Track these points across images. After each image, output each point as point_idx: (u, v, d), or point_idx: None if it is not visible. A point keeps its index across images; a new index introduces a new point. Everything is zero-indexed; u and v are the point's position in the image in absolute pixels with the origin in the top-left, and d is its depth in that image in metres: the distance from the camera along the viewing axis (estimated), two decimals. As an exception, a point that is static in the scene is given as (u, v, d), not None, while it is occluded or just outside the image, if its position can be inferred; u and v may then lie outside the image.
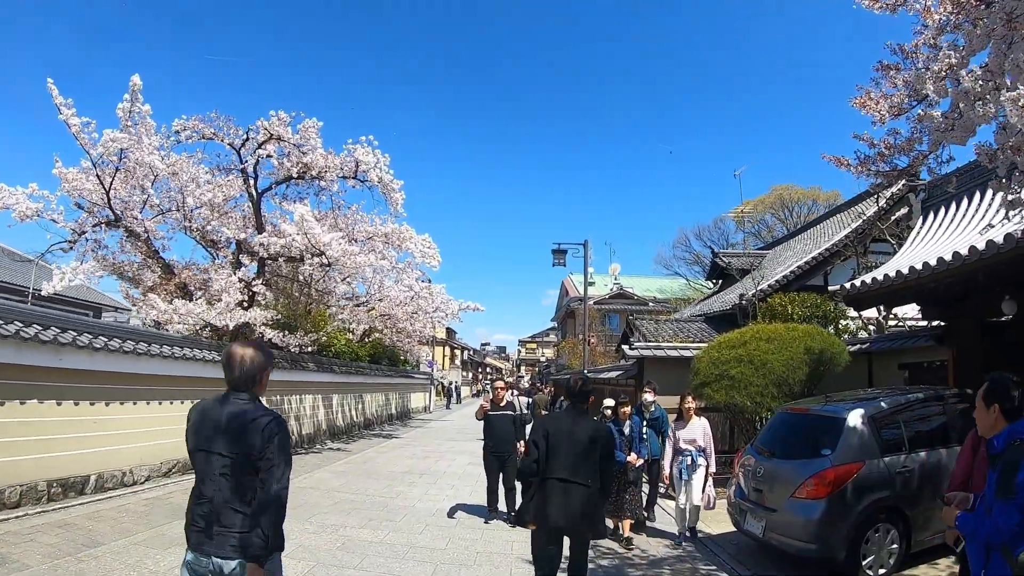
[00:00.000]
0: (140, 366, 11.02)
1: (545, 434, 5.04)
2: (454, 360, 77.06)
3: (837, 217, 23.26)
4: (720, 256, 27.91)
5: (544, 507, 4.89)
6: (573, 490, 4.87)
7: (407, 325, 23.72)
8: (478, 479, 12.86)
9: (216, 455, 3.01)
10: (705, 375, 12.06)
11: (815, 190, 44.10)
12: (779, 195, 45.32)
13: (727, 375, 11.77)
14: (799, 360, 11.51)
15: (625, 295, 45.15)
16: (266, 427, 2.97)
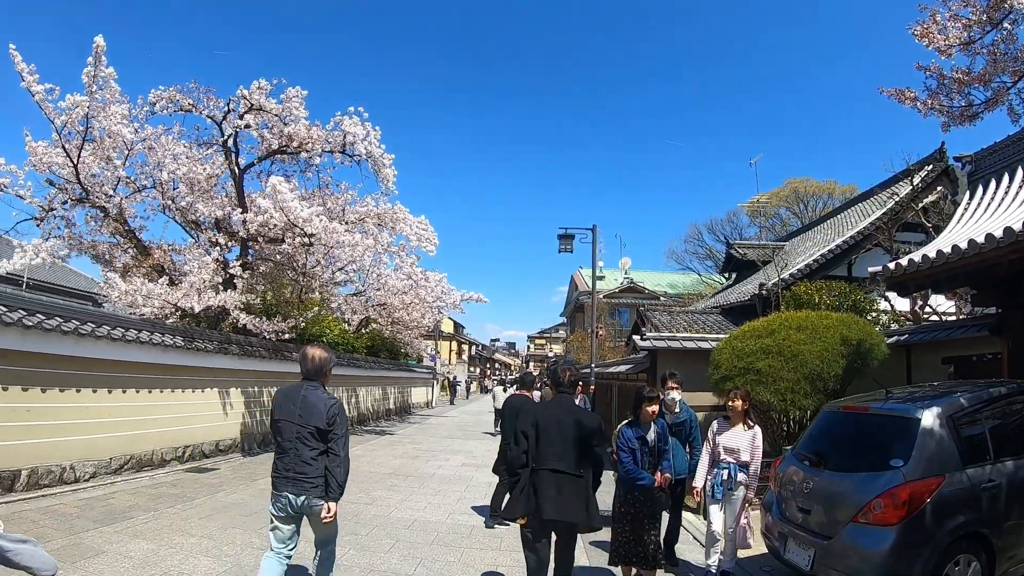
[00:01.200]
0: (84, 349, 9.74)
1: (535, 423, 4.90)
2: (461, 355, 76.19)
3: (859, 207, 21.96)
4: (736, 247, 26.70)
5: (536, 499, 4.71)
6: (565, 480, 4.73)
7: (403, 314, 22.41)
8: (469, 483, 11.53)
9: (294, 425, 4.44)
10: (727, 369, 10.69)
11: (831, 184, 43.17)
12: (794, 188, 44.36)
13: (752, 368, 10.40)
14: (835, 351, 10.16)
15: (636, 289, 43.60)
16: (330, 408, 4.49)
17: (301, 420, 4.45)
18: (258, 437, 14.94)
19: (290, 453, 4.45)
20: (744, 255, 25.48)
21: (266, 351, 15.23)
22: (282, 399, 4.61)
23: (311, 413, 4.44)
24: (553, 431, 4.82)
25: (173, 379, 11.91)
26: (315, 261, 15.94)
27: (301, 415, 4.46)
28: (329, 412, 4.46)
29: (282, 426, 4.50)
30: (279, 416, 4.54)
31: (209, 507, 8.77)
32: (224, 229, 15.61)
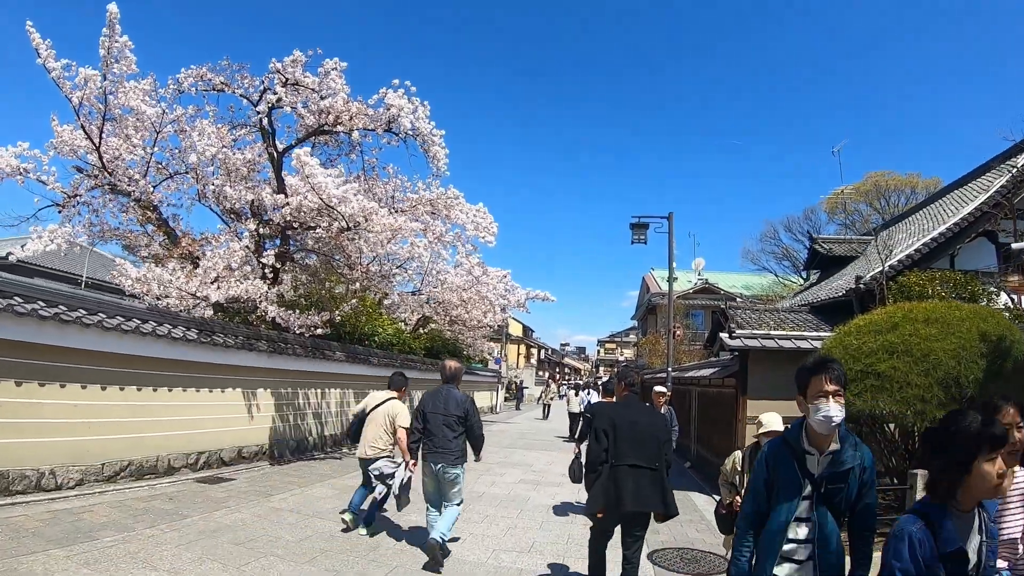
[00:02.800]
0: (70, 338, 8.42)
1: (611, 423, 5.21)
2: (530, 359, 74.61)
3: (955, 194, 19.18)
4: (820, 241, 24.43)
5: (617, 492, 5.00)
6: (642, 474, 5.06)
7: (461, 312, 20.74)
8: (524, 506, 9.73)
9: (440, 415, 6.54)
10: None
11: (913, 177, 40.39)
12: (875, 182, 41.55)
13: (872, 371, 8.39)
14: (973, 350, 8.13)
15: (711, 290, 41.13)
16: (465, 401, 6.71)
17: (445, 411, 6.55)
18: (291, 443, 13.43)
19: (437, 435, 6.50)
20: (830, 250, 23.22)
21: (302, 348, 13.71)
22: (429, 397, 6.73)
23: (452, 406, 6.58)
24: (628, 430, 5.17)
25: (186, 377, 10.48)
26: (358, 250, 14.32)
27: (445, 408, 6.57)
28: (465, 404, 6.67)
29: (430, 416, 6.57)
30: (429, 409, 6.60)
31: (197, 529, 7.19)
32: (258, 215, 14.16)
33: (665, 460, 5.23)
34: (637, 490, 4.99)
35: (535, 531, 8.29)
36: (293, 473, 11.50)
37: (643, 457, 5.08)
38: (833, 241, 24.94)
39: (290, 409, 13.54)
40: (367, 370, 17.01)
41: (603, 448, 5.12)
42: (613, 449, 5.11)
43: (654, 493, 5.05)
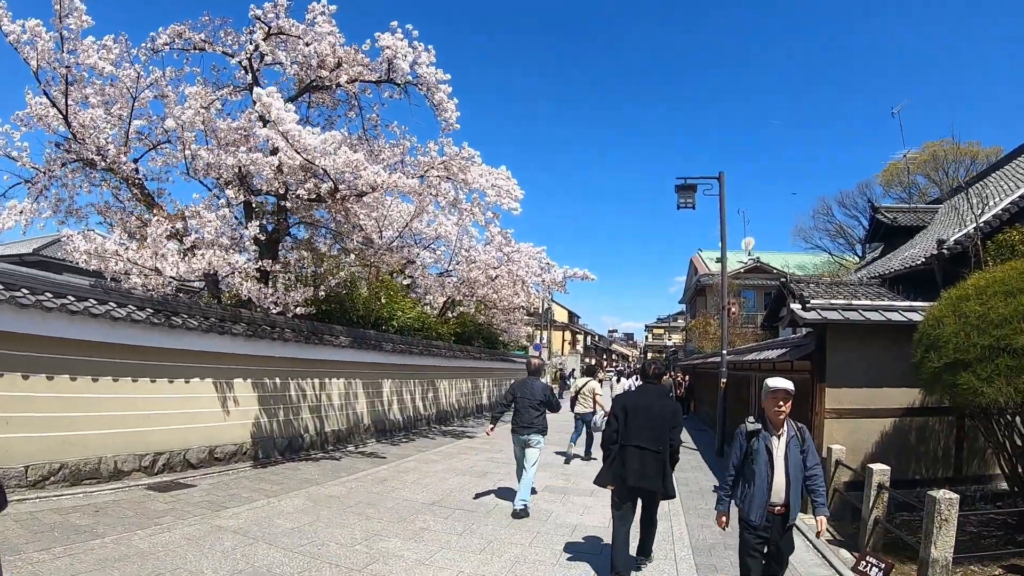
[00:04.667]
0: None
1: (624, 408, 5.91)
2: (575, 345, 72.81)
3: None
4: (882, 211, 21.90)
5: (623, 470, 5.71)
6: (647, 455, 5.69)
7: (488, 292, 18.77)
8: (543, 526, 7.84)
9: (527, 399, 8.37)
10: (960, 349, 6.46)
11: (973, 146, 37.31)
12: (932, 152, 38.62)
13: (1006, 347, 6.20)
14: None
15: (763, 269, 38.64)
16: (545, 389, 8.64)
17: (532, 396, 8.50)
18: (280, 442, 11.67)
19: (523, 414, 8.45)
20: (894, 220, 20.73)
21: (294, 333, 11.89)
22: (519, 386, 8.74)
23: (535, 393, 8.55)
24: (640, 415, 5.84)
25: (137, 364, 8.79)
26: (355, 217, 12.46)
27: (532, 394, 8.52)
28: (544, 391, 8.66)
29: (519, 399, 8.53)
30: (518, 395, 8.57)
31: (96, 557, 5.51)
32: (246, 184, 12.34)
33: (671, 444, 5.82)
34: (642, 469, 5.66)
35: (551, 565, 6.27)
36: (271, 478, 9.66)
37: (650, 440, 5.72)
38: (897, 210, 22.59)
39: (279, 403, 11.75)
40: (379, 357, 15.16)
41: (614, 430, 5.86)
42: (624, 431, 5.79)
43: (656, 474, 5.70)
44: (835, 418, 8.65)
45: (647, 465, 5.67)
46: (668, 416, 5.87)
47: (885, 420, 8.70)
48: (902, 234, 20.40)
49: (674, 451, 5.91)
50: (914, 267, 14.56)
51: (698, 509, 8.95)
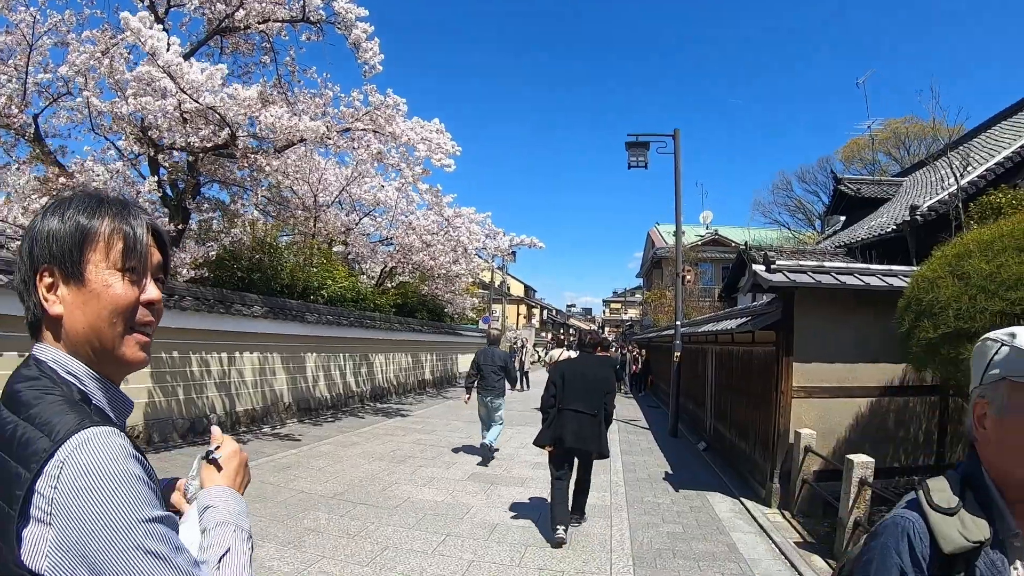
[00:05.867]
0: None
1: (562, 375, 6.35)
2: (531, 319, 71.78)
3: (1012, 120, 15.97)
4: (846, 182, 21.50)
5: (561, 432, 6.11)
6: (584, 419, 6.14)
7: (424, 258, 17.37)
8: (457, 525, 6.40)
9: (489, 366, 9.84)
10: (962, 316, 5.29)
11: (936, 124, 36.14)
12: (894, 130, 38.11)
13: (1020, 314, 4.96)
14: None
15: (721, 242, 37.78)
16: (504, 355, 10.31)
17: (492, 363, 9.84)
18: (181, 423, 10.16)
19: (487, 378, 9.79)
20: (857, 191, 20.32)
21: (196, 300, 10.32)
22: (482, 354, 10.06)
23: (496, 359, 9.90)
24: (576, 381, 6.29)
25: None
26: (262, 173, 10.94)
27: (492, 361, 9.83)
28: (502, 358, 10.07)
29: (482, 367, 9.82)
30: (482, 362, 9.87)
31: None
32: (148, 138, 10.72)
33: (604, 408, 6.31)
34: (578, 431, 6.14)
35: (458, 579, 4.98)
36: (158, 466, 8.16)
37: (586, 404, 6.20)
38: (860, 181, 22.19)
39: (178, 379, 10.21)
40: (302, 329, 13.63)
41: (551, 395, 6.34)
42: (562, 396, 6.26)
43: (592, 435, 6.20)
44: (804, 397, 7.45)
45: (583, 427, 6.15)
46: (602, 382, 6.37)
47: (860, 400, 7.53)
48: (865, 206, 19.95)
49: (608, 415, 6.40)
50: (883, 235, 13.65)
51: (644, 503, 7.70)
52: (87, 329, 1.07)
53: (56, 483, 0.89)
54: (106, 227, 1.09)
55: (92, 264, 1.07)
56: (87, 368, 1.08)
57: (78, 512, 0.89)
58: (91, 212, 1.10)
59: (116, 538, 0.89)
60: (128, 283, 1.10)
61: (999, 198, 9.96)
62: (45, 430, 0.95)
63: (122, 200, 1.16)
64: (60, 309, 1.07)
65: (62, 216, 1.09)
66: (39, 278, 1.07)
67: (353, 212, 18.71)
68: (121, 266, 1.09)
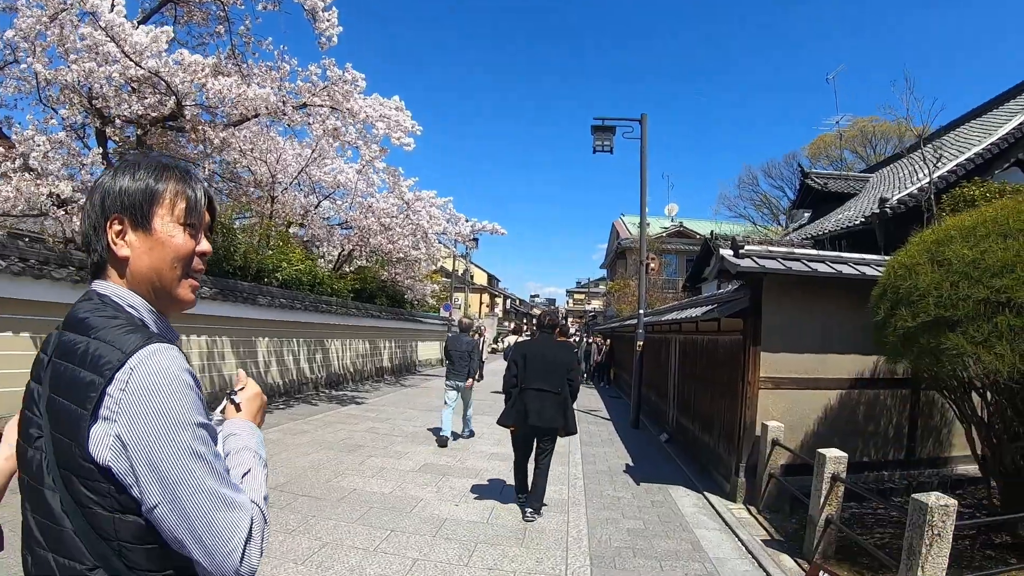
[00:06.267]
0: None
1: (523, 355, 6.42)
2: (494, 308, 71.46)
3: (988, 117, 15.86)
4: (813, 176, 21.49)
5: (524, 410, 6.22)
6: (547, 397, 6.23)
7: (382, 241, 16.86)
8: (401, 520, 5.89)
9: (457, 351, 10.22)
10: (944, 304, 4.99)
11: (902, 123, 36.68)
12: (861, 128, 38.87)
13: (1009, 301, 4.71)
14: None
15: (686, 234, 37.85)
16: (470, 342, 10.37)
17: (459, 350, 10.19)
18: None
19: (455, 363, 10.19)
20: (824, 185, 20.50)
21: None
22: (451, 340, 10.49)
23: (462, 345, 10.24)
24: (537, 361, 6.34)
25: None
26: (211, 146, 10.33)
27: (458, 347, 10.24)
28: (468, 344, 10.32)
29: (451, 352, 10.28)
30: (451, 347, 10.33)
31: None
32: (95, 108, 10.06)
33: (570, 384, 6.38)
34: (541, 409, 6.20)
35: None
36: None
37: (548, 383, 6.27)
38: (828, 176, 22.39)
39: None
40: (253, 312, 13.03)
41: (513, 375, 6.40)
42: (523, 375, 6.34)
43: (556, 413, 6.26)
44: (771, 389, 7.14)
45: (546, 405, 6.22)
46: (563, 361, 6.43)
47: (830, 393, 7.24)
48: (832, 200, 20.00)
49: (573, 391, 6.43)
50: (851, 227, 13.56)
51: (604, 497, 7.34)
52: (150, 271, 1.28)
53: (124, 387, 1.07)
54: (171, 188, 1.31)
55: (159, 217, 1.29)
56: (144, 302, 1.29)
57: (141, 411, 1.07)
58: (159, 174, 1.31)
59: (169, 437, 1.08)
60: (188, 236, 1.32)
61: (972, 191, 9.86)
62: (116, 344, 1.13)
63: (184, 166, 1.38)
64: (127, 252, 1.27)
65: (133, 176, 1.30)
66: (109, 225, 1.27)
67: (312, 194, 18.12)
68: (183, 221, 1.31)
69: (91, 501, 1.10)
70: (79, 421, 1.08)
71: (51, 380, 1.17)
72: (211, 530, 1.09)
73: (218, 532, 1.09)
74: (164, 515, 1.08)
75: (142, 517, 1.10)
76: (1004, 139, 12.58)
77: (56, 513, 1.13)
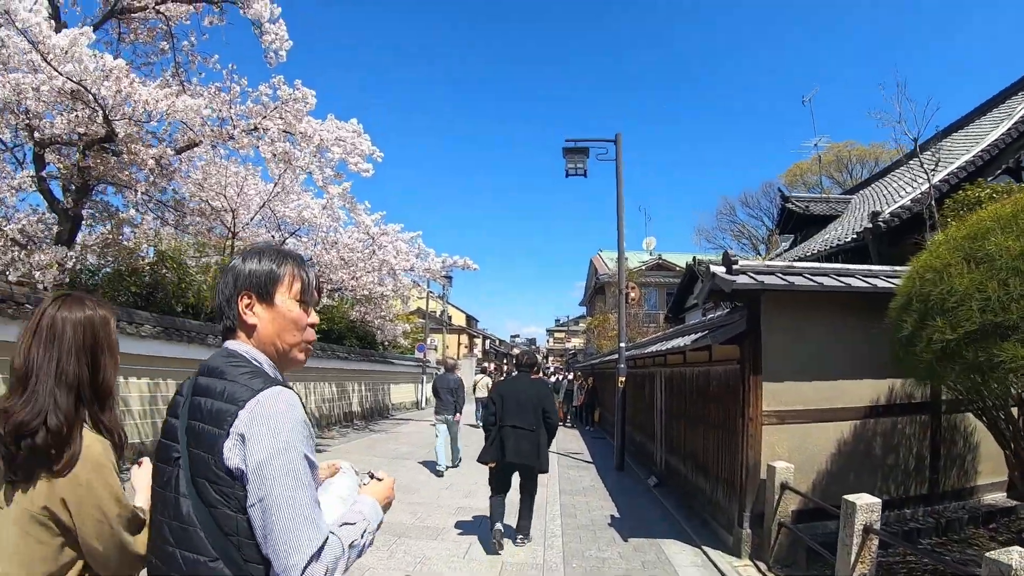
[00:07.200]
0: None
1: (500, 394, 6.74)
2: (472, 349, 70.40)
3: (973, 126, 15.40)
4: (794, 200, 20.88)
5: (502, 447, 6.41)
6: (522, 434, 6.41)
7: (344, 277, 15.88)
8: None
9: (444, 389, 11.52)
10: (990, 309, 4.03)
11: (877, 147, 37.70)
12: (837, 154, 39.68)
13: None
14: None
15: (665, 266, 37.35)
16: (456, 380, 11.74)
17: (446, 386, 11.44)
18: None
19: (442, 399, 11.34)
20: (806, 209, 19.97)
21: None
22: (439, 379, 11.83)
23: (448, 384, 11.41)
24: (513, 399, 6.56)
25: None
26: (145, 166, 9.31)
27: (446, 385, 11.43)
28: (455, 382, 11.52)
29: (438, 389, 11.52)
30: (439, 385, 11.61)
31: None
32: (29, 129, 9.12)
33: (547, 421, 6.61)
34: (517, 447, 6.39)
35: None
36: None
37: (524, 421, 6.46)
38: (809, 199, 21.91)
39: None
40: (202, 352, 11.77)
41: (491, 413, 6.63)
42: (501, 413, 6.53)
43: (531, 450, 6.43)
44: (776, 424, 6.17)
45: (522, 442, 6.39)
46: (538, 398, 6.62)
47: (842, 424, 6.30)
48: (814, 223, 19.68)
49: (551, 428, 6.68)
50: (841, 245, 12.89)
51: (586, 559, 6.28)
52: (273, 336, 1.61)
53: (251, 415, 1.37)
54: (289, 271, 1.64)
55: (279, 295, 1.63)
56: (267, 358, 1.60)
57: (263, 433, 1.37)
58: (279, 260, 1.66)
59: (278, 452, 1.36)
60: (302, 310, 1.65)
61: (977, 192, 9.22)
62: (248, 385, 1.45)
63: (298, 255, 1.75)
64: (255, 320, 1.60)
65: (259, 260, 1.64)
66: (240, 299, 1.60)
67: (277, 231, 17.19)
68: (300, 298, 1.65)
69: (219, 502, 1.36)
70: (216, 439, 1.38)
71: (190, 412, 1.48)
72: (285, 537, 1.30)
73: (290, 540, 1.30)
74: (256, 513, 1.33)
75: None
76: (994, 145, 12.19)
77: (185, 515, 1.39)
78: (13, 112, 8.89)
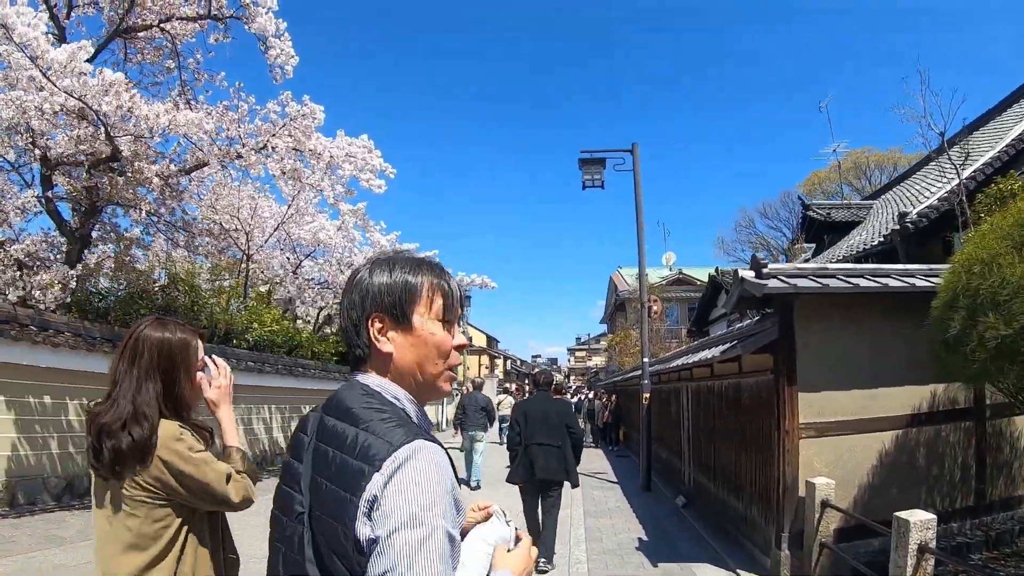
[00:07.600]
0: None
1: (523, 413, 6.77)
2: (494, 369, 70.21)
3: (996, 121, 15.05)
4: (814, 208, 20.83)
5: (529, 465, 6.47)
6: (549, 451, 6.47)
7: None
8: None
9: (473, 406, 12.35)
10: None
11: (895, 152, 37.67)
12: (855, 160, 39.02)
13: None
14: None
15: (686, 281, 36.88)
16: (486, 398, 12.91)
17: (476, 404, 12.20)
18: (55, 483, 8.59)
19: (471, 417, 12.06)
20: (827, 215, 19.77)
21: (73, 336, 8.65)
22: (468, 398, 12.59)
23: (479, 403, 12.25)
24: (536, 417, 6.63)
25: None
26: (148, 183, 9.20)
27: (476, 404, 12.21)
28: (485, 401, 12.52)
29: (467, 407, 12.26)
30: (468, 403, 12.36)
31: None
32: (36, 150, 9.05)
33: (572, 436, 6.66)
34: (546, 463, 6.44)
35: None
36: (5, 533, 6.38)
37: (549, 437, 6.50)
38: (830, 206, 21.78)
39: (51, 429, 8.55)
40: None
41: (517, 433, 6.69)
42: (525, 432, 6.58)
43: (559, 466, 6.49)
44: (814, 436, 5.79)
45: (550, 459, 6.45)
46: (561, 415, 6.72)
47: (884, 435, 5.90)
48: (836, 230, 19.32)
49: (576, 443, 6.71)
50: (868, 249, 12.50)
51: (614, 583, 5.92)
52: (413, 365, 1.33)
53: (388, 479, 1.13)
54: (427, 284, 1.34)
55: (418, 315, 1.33)
56: (406, 393, 1.33)
57: (399, 504, 1.12)
58: (415, 271, 1.35)
59: (418, 535, 1.10)
60: (446, 331, 1.36)
61: (1011, 185, 8.84)
62: (385, 438, 1.18)
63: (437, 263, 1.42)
64: (391, 348, 1.31)
65: (390, 273, 1.34)
66: (370, 323, 1.31)
67: (292, 253, 17.12)
68: (442, 317, 1.35)
69: None
70: (347, 506, 1.14)
71: (314, 461, 1.26)
72: None
73: None
74: None
75: None
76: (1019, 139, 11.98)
77: None
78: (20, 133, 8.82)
